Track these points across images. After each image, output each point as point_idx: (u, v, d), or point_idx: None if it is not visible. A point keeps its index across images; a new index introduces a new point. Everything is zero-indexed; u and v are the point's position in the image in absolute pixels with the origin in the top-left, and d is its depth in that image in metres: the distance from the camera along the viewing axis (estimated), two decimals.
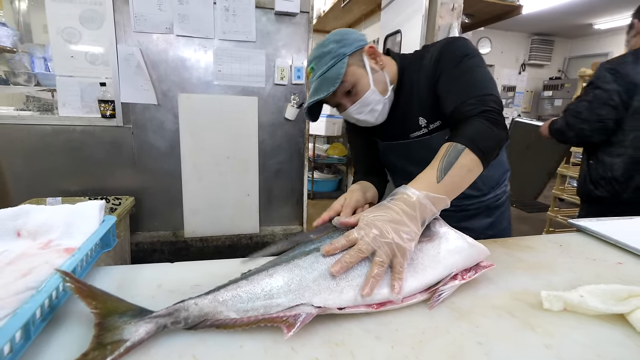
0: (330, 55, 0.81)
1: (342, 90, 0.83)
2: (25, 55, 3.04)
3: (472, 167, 0.64)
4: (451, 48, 0.80)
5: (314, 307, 0.50)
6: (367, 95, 0.84)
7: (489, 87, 0.74)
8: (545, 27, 6.43)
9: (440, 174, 0.61)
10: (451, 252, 0.60)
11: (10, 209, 0.64)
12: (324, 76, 0.81)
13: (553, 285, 0.64)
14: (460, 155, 0.63)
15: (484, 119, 0.68)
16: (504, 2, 2.57)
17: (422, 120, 0.89)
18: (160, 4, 2.08)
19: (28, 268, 0.52)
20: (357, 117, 0.88)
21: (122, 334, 0.42)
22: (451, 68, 0.78)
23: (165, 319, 0.46)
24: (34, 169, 2.12)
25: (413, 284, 0.56)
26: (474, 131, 0.67)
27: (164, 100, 2.21)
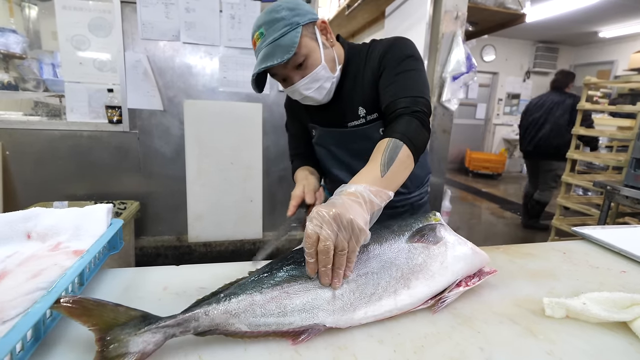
0: (283, 22, 0.76)
1: (294, 62, 0.78)
2: (34, 62, 3.10)
3: (408, 162, 0.69)
4: (398, 47, 0.83)
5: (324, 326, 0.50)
6: (317, 70, 0.81)
7: (423, 91, 0.78)
8: (550, 35, 6.45)
9: (384, 168, 0.64)
10: (457, 258, 0.61)
11: (21, 211, 0.65)
12: (276, 43, 0.75)
13: (556, 293, 0.64)
14: (400, 150, 0.67)
15: (415, 118, 0.73)
16: (508, 10, 2.58)
17: (362, 110, 0.88)
18: (167, 13, 2.12)
19: (38, 269, 0.53)
20: (304, 93, 0.84)
21: (127, 346, 0.40)
22: (394, 65, 0.81)
23: (174, 329, 0.45)
24: (42, 173, 2.15)
25: (425, 290, 0.56)
26: (408, 128, 0.71)
27: (170, 106, 2.24)
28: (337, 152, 0.95)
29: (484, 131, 7.43)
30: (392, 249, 0.61)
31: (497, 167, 6.53)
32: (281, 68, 0.79)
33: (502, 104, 7.24)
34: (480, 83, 7.08)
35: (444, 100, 2.52)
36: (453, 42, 2.44)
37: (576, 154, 3.03)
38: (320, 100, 0.87)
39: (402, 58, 0.81)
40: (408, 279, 0.57)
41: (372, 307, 0.53)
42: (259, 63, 0.77)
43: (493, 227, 3.94)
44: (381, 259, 0.59)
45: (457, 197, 5.20)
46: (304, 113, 1.00)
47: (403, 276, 0.57)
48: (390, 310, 0.54)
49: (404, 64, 0.80)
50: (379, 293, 0.54)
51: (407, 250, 0.61)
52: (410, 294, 0.56)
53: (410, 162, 0.69)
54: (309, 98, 0.85)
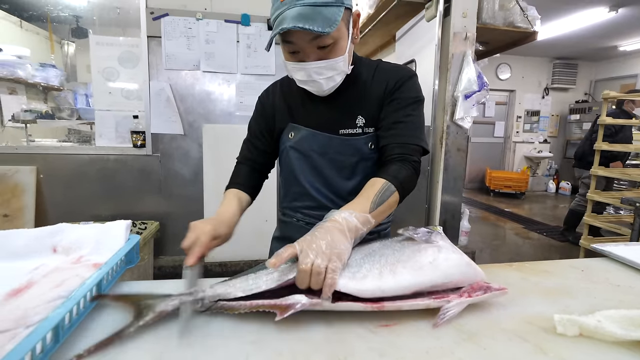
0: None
1: (323, 41, 0.71)
2: (70, 93, 3.34)
3: (393, 206, 0.76)
4: (411, 85, 0.86)
5: (307, 298, 0.54)
6: (338, 60, 0.75)
7: (421, 138, 0.83)
8: (567, 51, 6.38)
9: (374, 206, 0.69)
10: (449, 262, 0.61)
11: (49, 227, 0.71)
12: (318, 9, 0.67)
13: (570, 310, 0.62)
14: (391, 195, 0.73)
15: (411, 167, 0.79)
16: (518, 29, 2.60)
17: (361, 120, 0.85)
18: (189, 44, 2.26)
19: (61, 280, 0.57)
20: (314, 77, 0.76)
21: (154, 306, 0.55)
22: (404, 105, 0.83)
23: (187, 297, 0.56)
24: (70, 195, 2.27)
25: (410, 279, 0.58)
26: (405, 176, 0.77)
27: (190, 130, 2.35)
28: (317, 159, 0.87)
29: (504, 149, 7.29)
30: (382, 243, 0.68)
31: (519, 186, 6.34)
32: (305, 39, 0.71)
33: (521, 122, 7.12)
34: (497, 101, 7.02)
35: (457, 119, 2.52)
36: (463, 62, 2.47)
37: (600, 170, 2.92)
38: (323, 90, 0.80)
39: (412, 100, 0.84)
40: (394, 264, 0.61)
41: (354, 282, 0.57)
42: (292, 19, 0.66)
43: (518, 248, 3.78)
44: (368, 249, 0.66)
45: (478, 217, 5.05)
46: (283, 112, 0.90)
47: (388, 262, 0.61)
48: (373, 291, 0.56)
49: (413, 106, 0.84)
50: (363, 273, 0.59)
51: (396, 243, 0.67)
52: (396, 280, 0.58)
53: (395, 206, 0.76)
54: (315, 83, 0.78)
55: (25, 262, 0.67)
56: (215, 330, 0.54)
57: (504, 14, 2.60)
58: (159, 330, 0.53)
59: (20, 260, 0.68)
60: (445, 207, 2.72)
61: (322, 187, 0.89)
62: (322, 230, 0.61)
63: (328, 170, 0.88)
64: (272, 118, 0.92)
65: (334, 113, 0.86)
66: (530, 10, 2.64)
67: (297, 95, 0.88)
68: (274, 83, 0.97)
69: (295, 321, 0.55)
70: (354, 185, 0.87)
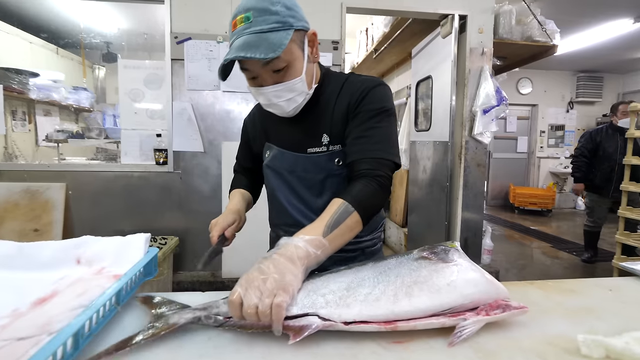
0: (277, 16, 0.70)
1: (274, 65, 0.72)
2: (99, 114, 3.53)
3: (354, 227, 0.72)
4: (375, 95, 0.82)
5: (321, 320, 0.53)
6: (294, 81, 0.76)
7: (389, 151, 0.80)
8: (592, 63, 6.23)
9: (328, 230, 0.67)
10: (468, 281, 0.59)
11: (74, 239, 0.74)
12: (264, 35, 0.69)
13: (596, 331, 0.58)
14: (348, 216, 0.70)
15: (375, 183, 0.75)
16: (537, 43, 2.58)
17: (325, 138, 0.85)
18: (210, 66, 2.36)
19: (83, 290, 0.59)
20: (273, 100, 0.78)
21: (167, 317, 0.57)
22: (368, 117, 0.80)
23: (201, 312, 0.58)
24: (96, 210, 2.37)
25: (427, 302, 0.56)
26: (364, 194, 0.74)
27: (210, 148, 2.42)
28: (289, 178, 0.89)
29: (528, 165, 7.08)
30: (397, 261, 0.65)
31: (546, 203, 6.09)
32: (257, 65, 0.72)
33: (545, 136, 6.92)
34: (519, 116, 6.88)
35: (476, 134, 2.49)
36: (481, 77, 2.46)
37: (632, 186, 2.79)
38: (287, 112, 0.81)
39: (377, 111, 0.81)
40: (410, 287, 0.58)
41: (368, 307, 0.56)
42: (237, 49, 0.68)
43: (547, 268, 3.60)
44: (381, 267, 0.64)
45: (503, 236, 4.88)
46: (261, 132, 0.95)
47: (404, 283, 0.59)
48: (387, 315, 0.54)
49: (378, 118, 0.80)
50: (376, 294, 0.57)
51: (412, 263, 0.64)
52: (411, 302, 0.56)
53: (356, 227, 0.72)
54: (276, 106, 0.80)
55: (50, 273, 0.70)
56: (227, 343, 0.55)
57: (522, 29, 2.59)
58: (171, 340, 0.54)
59: (46, 270, 0.71)
60: (466, 224, 2.65)
61: (298, 203, 0.91)
62: (268, 261, 0.59)
63: (299, 188, 0.89)
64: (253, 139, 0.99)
65: (301, 132, 0.87)
66: (549, 24, 2.62)
67: (273, 116, 0.87)
68: (253, 109, 1.02)
69: (307, 336, 0.54)
70: (325, 201, 0.82)
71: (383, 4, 2.45)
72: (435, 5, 2.47)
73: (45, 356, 0.41)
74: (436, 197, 2.80)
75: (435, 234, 2.79)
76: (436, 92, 2.80)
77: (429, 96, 2.90)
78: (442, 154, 2.70)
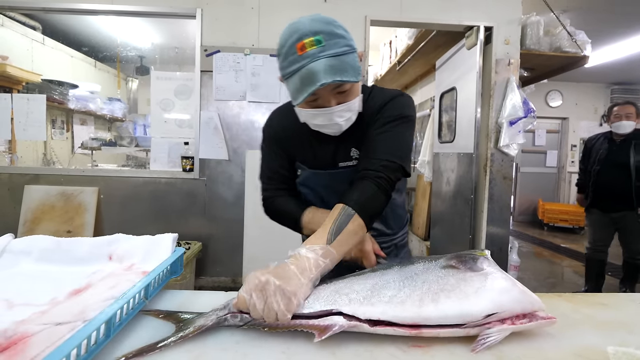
0: (344, 40, 0.71)
1: (343, 87, 0.73)
2: (130, 123, 3.72)
3: (358, 230, 0.71)
4: (395, 104, 0.83)
5: (345, 320, 0.54)
6: (354, 101, 0.77)
7: (399, 156, 0.79)
8: (627, 75, 5.96)
9: (331, 237, 0.67)
10: (498, 290, 0.57)
11: (107, 237, 0.79)
12: (342, 58, 0.69)
13: (627, 344, 0.56)
14: (350, 220, 0.69)
15: (375, 185, 0.74)
16: (566, 54, 2.51)
17: (355, 152, 0.86)
18: (237, 77, 2.45)
19: (114, 283, 0.63)
20: (336, 120, 0.77)
21: (194, 321, 0.58)
22: (384, 122, 0.81)
23: (223, 311, 0.58)
24: (125, 214, 2.47)
25: (454, 307, 0.55)
26: (365, 197, 0.73)
27: (234, 156, 2.49)
28: (324, 194, 0.90)
29: (558, 180, 6.79)
30: (424, 267, 0.64)
31: (577, 220, 5.77)
32: (329, 87, 0.71)
33: (576, 150, 6.64)
34: (548, 129, 6.65)
35: (502, 146, 2.43)
36: (507, 88, 2.41)
37: None
38: (340, 131, 0.81)
39: (394, 118, 0.81)
40: (436, 293, 0.57)
41: (393, 308, 0.55)
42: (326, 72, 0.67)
43: (578, 288, 3.39)
44: (407, 272, 0.63)
45: (531, 253, 4.67)
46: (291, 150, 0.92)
47: (430, 289, 0.58)
48: (413, 317, 0.54)
49: (394, 123, 0.81)
50: (401, 297, 0.57)
51: (440, 270, 0.63)
52: (437, 307, 0.55)
53: (360, 230, 0.71)
54: (334, 126, 0.79)
55: (85, 267, 0.74)
56: (249, 338, 0.56)
57: (550, 40, 2.54)
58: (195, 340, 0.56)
59: (81, 265, 0.75)
60: (491, 239, 2.57)
61: None
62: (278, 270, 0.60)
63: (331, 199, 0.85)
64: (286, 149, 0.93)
65: (331, 149, 0.88)
66: (579, 35, 2.55)
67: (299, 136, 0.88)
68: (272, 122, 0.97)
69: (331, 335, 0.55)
70: None
71: (407, 16, 2.47)
72: (460, 17, 2.47)
73: (80, 339, 0.43)
74: (460, 210, 2.74)
75: (458, 247, 2.72)
76: (461, 104, 2.77)
77: (453, 108, 2.87)
78: (467, 165, 2.65)
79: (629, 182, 2.57)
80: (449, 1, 2.47)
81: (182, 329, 0.56)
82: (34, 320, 0.53)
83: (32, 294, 0.62)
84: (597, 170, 2.72)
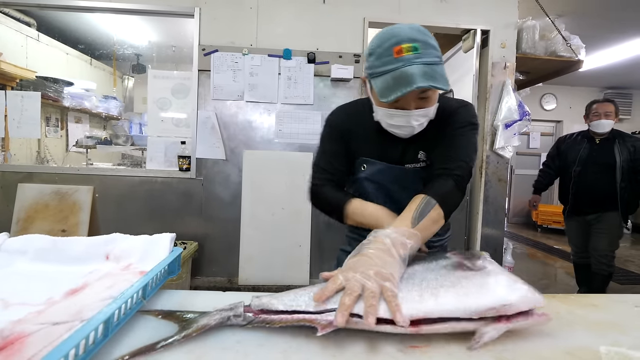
0: (436, 52, 0.78)
1: (427, 94, 0.80)
2: (126, 122, 3.70)
3: (438, 220, 0.77)
4: (466, 112, 0.91)
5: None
6: (432, 108, 0.84)
7: (469, 156, 0.87)
8: (620, 80, 6.05)
9: (415, 221, 0.71)
10: (499, 284, 0.58)
11: (104, 236, 0.78)
12: (434, 67, 0.75)
13: (620, 344, 0.57)
14: (432, 208, 0.75)
15: (453, 181, 0.81)
16: (561, 58, 2.54)
17: (422, 155, 0.93)
18: (234, 77, 2.45)
19: (112, 283, 0.62)
20: (413, 123, 0.83)
21: (197, 321, 0.58)
22: (456, 127, 0.89)
23: (228, 312, 0.58)
24: (120, 213, 2.46)
25: (454, 302, 0.55)
26: (445, 190, 0.79)
27: (231, 156, 2.49)
28: (393, 189, 0.94)
29: None
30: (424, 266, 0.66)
31: None
32: (416, 92, 0.77)
33: None
34: (542, 132, 6.72)
35: (497, 148, 2.46)
36: (503, 91, 2.44)
37: None
38: (412, 134, 0.87)
39: (465, 124, 0.89)
40: (436, 289, 0.58)
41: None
42: (422, 78, 0.72)
43: (571, 289, 3.42)
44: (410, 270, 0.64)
45: (525, 254, 4.72)
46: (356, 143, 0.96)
47: (430, 286, 0.59)
48: (413, 314, 0.54)
49: (465, 129, 0.88)
50: (402, 296, 0.58)
51: (441, 269, 0.64)
52: (437, 302, 0.55)
53: (440, 220, 0.77)
54: (409, 128, 0.84)
55: (81, 267, 0.74)
56: (249, 337, 0.56)
57: (545, 44, 2.56)
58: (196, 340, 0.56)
59: (78, 264, 0.75)
60: (486, 240, 2.59)
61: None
62: (365, 256, 0.61)
63: (398, 195, 0.93)
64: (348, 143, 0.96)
65: (400, 150, 0.93)
66: (574, 40, 2.58)
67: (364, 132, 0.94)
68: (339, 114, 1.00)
69: (325, 336, 0.55)
70: None
71: (405, 18, 2.49)
72: (457, 20, 2.49)
73: (79, 339, 0.43)
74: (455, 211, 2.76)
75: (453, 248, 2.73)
76: None
77: None
78: None
79: (612, 183, 2.46)
80: (447, 4, 2.49)
81: (186, 328, 0.56)
82: (31, 320, 0.53)
83: (28, 293, 0.62)
84: (578, 171, 2.58)
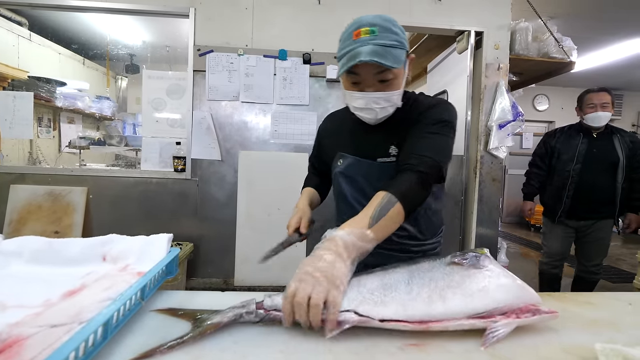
0: (397, 37, 0.80)
1: (386, 75, 0.81)
2: (120, 122, 3.66)
3: (398, 219, 0.74)
4: (439, 108, 0.89)
5: (357, 315, 0.55)
6: (394, 93, 0.84)
7: (437, 154, 0.83)
8: (610, 81, 6.14)
9: (372, 221, 0.69)
10: (500, 287, 0.60)
11: (100, 237, 0.77)
12: (387, 49, 0.78)
13: (615, 342, 0.58)
14: (392, 207, 0.72)
15: (416, 177, 0.78)
16: (553, 59, 2.57)
17: (394, 150, 0.91)
18: (230, 77, 2.44)
19: (109, 284, 0.62)
20: (372, 106, 0.85)
21: (211, 318, 0.58)
22: (427, 124, 0.87)
23: (240, 309, 0.60)
24: (115, 214, 2.43)
25: (460, 305, 0.57)
26: (406, 187, 0.76)
27: (227, 156, 2.48)
28: (363, 184, 0.95)
29: None
30: (430, 264, 0.67)
31: None
32: (371, 72, 0.81)
33: None
34: (535, 132, 6.80)
35: (491, 148, 2.48)
36: (497, 92, 2.46)
37: None
38: (377, 119, 0.89)
39: (437, 121, 0.86)
40: (443, 290, 0.60)
41: (404, 307, 0.57)
42: (368, 54, 0.76)
43: (564, 287, 3.47)
44: (414, 270, 0.66)
45: (518, 253, 4.76)
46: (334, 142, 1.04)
47: (437, 287, 0.60)
48: (421, 316, 0.56)
49: (435, 127, 0.86)
50: (411, 296, 0.59)
51: (445, 268, 0.66)
52: (445, 305, 0.57)
53: (400, 218, 0.74)
54: (370, 111, 0.87)
55: (78, 268, 0.73)
56: (247, 338, 0.56)
57: (538, 45, 2.59)
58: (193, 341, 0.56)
59: (74, 266, 0.74)
60: (481, 240, 2.61)
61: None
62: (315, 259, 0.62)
63: (369, 189, 0.93)
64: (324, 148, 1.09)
65: (372, 143, 0.94)
66: (566, 41, 2.62)
67: (345, 128, 1.00)
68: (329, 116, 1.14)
69: (323, 336, 0.55)
70: None
71: (400, 20, 2.49)
72: (451, 22, 2.51)
73: (79, 341, 0.43)
74: (450, 211, 2.77)
75: (448, 248, 2.75)
76: None
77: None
78: (457, 167, 2.69)
79: (613, 183, 2.24)
80: (441, 6, 2.51)
81: (199, 325, 0.57)
82: (29, 322, 0.52)
83: (24, 295, 0.61)
84: (578, 170, 2.27)
